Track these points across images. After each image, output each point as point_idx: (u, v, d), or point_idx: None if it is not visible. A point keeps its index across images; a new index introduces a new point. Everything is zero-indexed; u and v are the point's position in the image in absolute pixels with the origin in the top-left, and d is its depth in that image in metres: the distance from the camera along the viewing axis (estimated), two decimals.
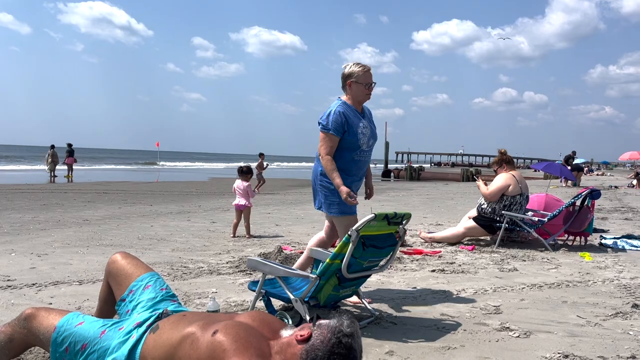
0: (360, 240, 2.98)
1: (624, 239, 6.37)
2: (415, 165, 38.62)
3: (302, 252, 5.39)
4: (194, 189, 18.31)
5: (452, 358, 2.71)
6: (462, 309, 3.60)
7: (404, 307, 3.64)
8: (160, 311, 2.27)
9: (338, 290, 3.21)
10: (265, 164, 19.36)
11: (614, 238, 6.47)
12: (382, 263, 3.39)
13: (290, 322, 3.20)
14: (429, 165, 70.92)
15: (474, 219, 6.52)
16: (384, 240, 3.17)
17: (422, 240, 6.56)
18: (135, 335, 2.11)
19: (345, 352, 1.76)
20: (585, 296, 3.94)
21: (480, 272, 4.81)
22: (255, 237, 7.01)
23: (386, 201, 13.95)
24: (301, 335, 1.87)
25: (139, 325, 2.16)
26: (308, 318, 3.01)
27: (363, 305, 3.49)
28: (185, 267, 4.93)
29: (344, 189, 3.56)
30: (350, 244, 2.97)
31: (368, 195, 4.25)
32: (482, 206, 6.49)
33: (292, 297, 3.11)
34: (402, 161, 67.83)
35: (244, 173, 7.43)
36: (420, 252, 5.75)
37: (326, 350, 1.76)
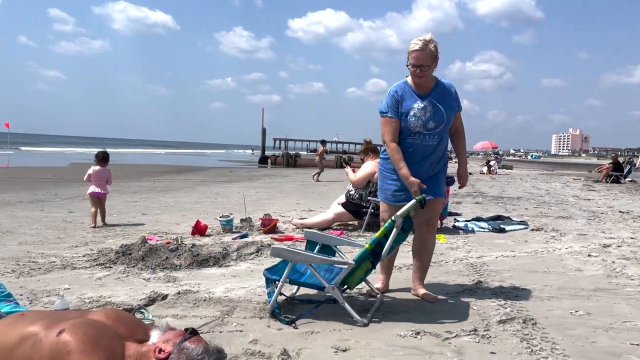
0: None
1: (474, 222, 7.01)
2: (291, 152, 39.09)
3: (168, 243, 5.17)
4: (51, 175, 16.75)
5: (314, 342, 2.77)
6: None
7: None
8: None
9: (367, 274, 3.32)
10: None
11: (465, 221, 7.10)
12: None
13: (151, 316, 3.05)
14: (305, 152, 72.24)
15: (343, 204, 6.75)
16: (408, 223, 3.32)
17: (294, 227, 6.65)
18: None
19: None
20: (438, 275, 4.26)
21: (347, 256, 4.98)
22: (118, 226, 6.58)
23: (262, 187, 13.95)
24: (160, 352, 1.79)
25: None
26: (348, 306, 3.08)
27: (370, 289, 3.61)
28: (34, 262, 4.48)
29: (411, 181, 3.38)
30: (395, 229, 3.15)
31: (461, 185, 3.84)
32: (350, 192, 6.73)
33: (326, 285, 3.11)
34: (279, 148, 68.25)
35: (101, 159, 7.00)
36: (291, 239, 5.82)
37: None
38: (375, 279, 3.75)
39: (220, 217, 6.47)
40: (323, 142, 21.64)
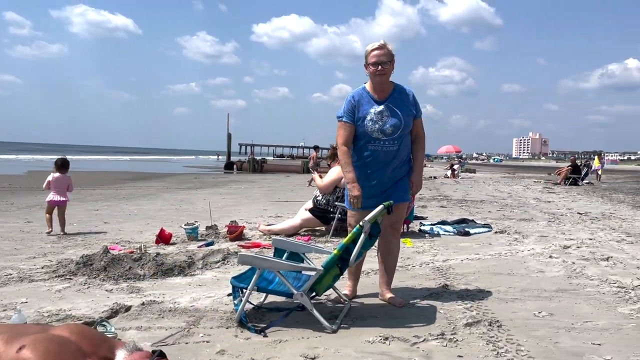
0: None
1: (439, 225, 7.11)
2: (258, 158, 38.89)
3: (132, 252, 5.04)
4: (7, 184, 16.16)
5: (283, 351, 2.74)
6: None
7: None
8: None
9: (335, 281, 3.29)
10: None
11: (431, 224, 7.19)
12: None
13: (113, 329, 2.95)
14: (271, 157, 71.95)
15: (310, 210, 6.73)
16: (375, 228, 3.32)
17: (261, 233, 6.59)
18: None
19: None
20: (406, 279, 4.29)
21: (315, 262, 4.96)
22: (78, 235, 6.38)
23: (228, 194, 13.80)
24: None
25: None
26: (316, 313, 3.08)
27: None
28: None
29: (352, 187, 3.44)
30: (362, 235, 3.14)
31: (412, 192, 3.76)
32: (317, 198, 6.72)
33: (294, 292, 3.07)
34: (245, 153, 67.78)
35: (61, 166, 6.87)
36: (258, 245, 5.76)
37: None
38: (343, 285, 3.74)
39: (185, 224, 6.36)
40: (316, 148, 21.55)
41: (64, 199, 6.72)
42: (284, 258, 3.50)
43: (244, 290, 3.16)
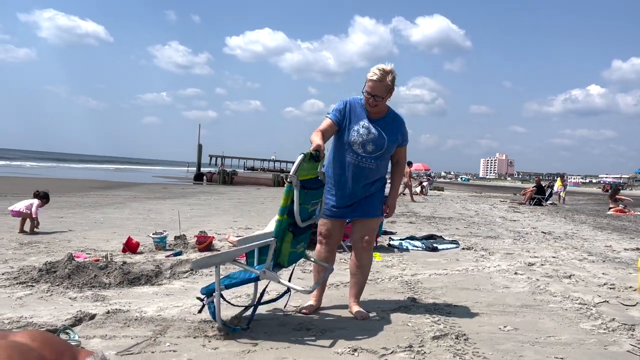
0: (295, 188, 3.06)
1: (408, 240, 7.19)
2: (228, 169, 38.62)
3: (97, 260, 4.93)
4: None
5: None
6: (264, 311, 3.64)
7: (206, 314, 3.53)
8: None
9: (295, 246, 3.22)
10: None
11: (400, 239, 7.26)
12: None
13: (77, 337, 2.88)
14: (242, 169, 71.42)
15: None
16: (314, 183, 3.27)
17: (231, 244, 6.53)
18: None
19: None
20: (375, 293, 4.31)
21: (285, 273, 4.94)
22: (41, 242, 6.20)
23: (197, 205, 13.64)
24: None
25: None
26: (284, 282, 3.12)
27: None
28: None
29: (314, 139, 3.26)
30: (294, 189, 3.04)
31: (387, 215, 3.79)
32: None
33: (257, 272, 3.03)
34: (215, 164, 67.16)
35: (41, 197, 7.33)
36: None
37: None
38: (308, 296, 3.74)
39: (153, 234, 6.26)
40: (409, 164, 21.41)
41: (26, 211, 7.03)
42: (255, 257, 3.44)
43: (214, 295, 3.12)
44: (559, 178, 26.15)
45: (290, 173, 3.06)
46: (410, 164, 20.94)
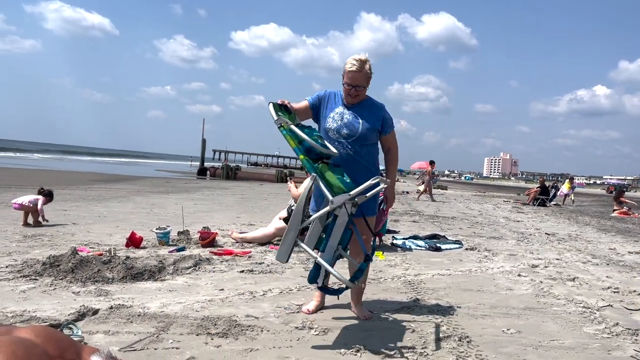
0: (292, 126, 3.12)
1: (411, 240, 7.17)
2: (232, 165, 38.65)
3: (101, 254, 4.94)
4: None
5: (254, 359, 2.71)
6: (267, 309, 3.64)
7: (210, 310, 3.54)
8: None
9: (337, 173, 3.18)
10: (436, 172, 18.97)
11: (403, 238, 7.25)
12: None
13: (80, 332, 2.88)
14: (246, 165, 71.48)
15: (284, 219, 6.69)
16: (302, 127, 3.28)
17: (234, 241, 6.53)
18: None
19: None
20: (377, 292, 4.31)
21: (287, 271, 4.95)
22: (45, 235, 6.21)
23: (200, 200, 13.65)
24: None
25: None
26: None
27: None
28: None
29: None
30: (293, 129, 3.10)
31: (387, 206, 3.83)
32: (292, 207, 6.71)
33: (348, 216, 3.00)
34: (219, 159, 67.22)
35: (45, 195, 7.36)
36: (230, 253, 5.71)
37: None
38: (312, 295, 3.73)
39: (156, 229, 6.26)
40: (432, 163, 21.30)
41: (28, 203, 7.08)
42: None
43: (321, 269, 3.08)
44: (567, 180, 25.95)
45: (274, 119, 3.13)
46: (432, 163, 20.74)
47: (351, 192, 3.05)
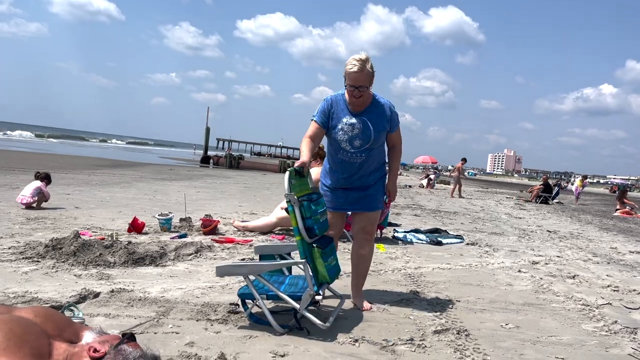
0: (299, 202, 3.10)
1: (412, 233, 7.18)
2: (235, 154, 38.65)
3: (103, 239, 4.96)
4: None
5: (253, 346, 2.73)
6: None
7: (210, 296, 3.56)
8: None
9: (327, 260, 3.20)
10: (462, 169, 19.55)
11: (404, 232, 7.25)
12: None
13: (81, 314, 2.90)
14: (249, 154, 71.51)
15: (286, 209, 6.71)
16: (311, 195, 3.27)
17: (235, 229, 6.55)
18: None
19: None
20: (377, 284, 4.32)
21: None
22: (48, 218, 6.24)
23: (203, 188, 13.68)
24: (94, 351, 1.71)
25: None
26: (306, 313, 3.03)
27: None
28: None
29: (301, 156, 3.30)
30: (295, 208, 3.09)
31: (389, 200, 3.83)
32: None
33: (307, 293, 3.00)
34: (222, 148, 67.23)
35: (43, 179, 7.42)
36: (232, 241, 5.73)
37: None
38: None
39: (158, 215, 6.28)
40: (464, 160, 21.19)
41: (29, 200, 7.09)
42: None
43: (254, 302, 3.09)
44: (579, 178, 25.74)
45: (285, 192, 3.09)
46: (464, 160, 20.59)
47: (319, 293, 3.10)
